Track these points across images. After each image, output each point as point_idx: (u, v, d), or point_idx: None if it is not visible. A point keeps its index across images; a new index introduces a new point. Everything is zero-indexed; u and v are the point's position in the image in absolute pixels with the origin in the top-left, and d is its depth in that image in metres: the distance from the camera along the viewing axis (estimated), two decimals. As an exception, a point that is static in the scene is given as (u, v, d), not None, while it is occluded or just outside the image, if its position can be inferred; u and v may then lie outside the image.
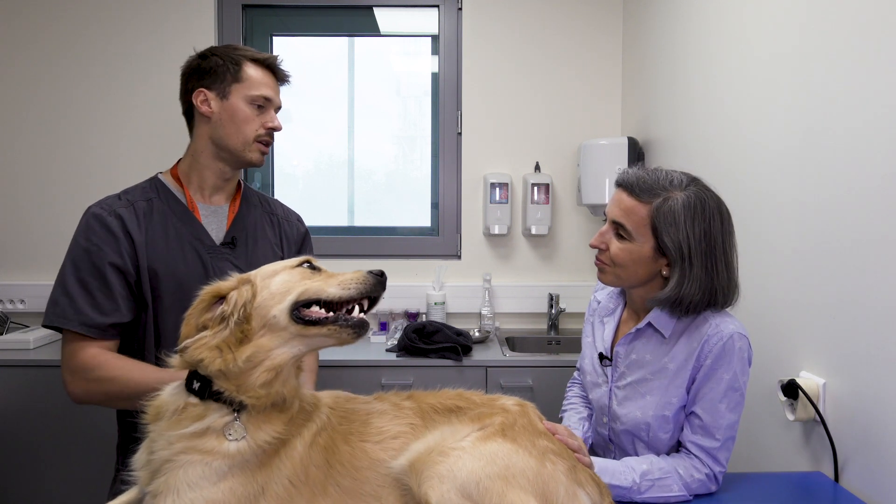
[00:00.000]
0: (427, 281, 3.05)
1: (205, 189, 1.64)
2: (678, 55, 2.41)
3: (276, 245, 1.72)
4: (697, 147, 2.24)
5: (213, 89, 1.58)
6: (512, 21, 3.07)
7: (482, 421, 1.08)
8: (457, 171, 3.12)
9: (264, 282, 1.03)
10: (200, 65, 1.60)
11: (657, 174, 1.34)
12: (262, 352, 0.98)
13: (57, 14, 2.97)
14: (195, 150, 1.63)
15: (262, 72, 1.62)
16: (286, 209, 1.82)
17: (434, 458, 0.99)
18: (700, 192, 1.31)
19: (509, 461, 0.99)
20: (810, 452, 1.56)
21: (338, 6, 3.13)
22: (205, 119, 1.60)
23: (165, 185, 1.62)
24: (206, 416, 0.96)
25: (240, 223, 1.66)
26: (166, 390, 1.04)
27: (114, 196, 1.59)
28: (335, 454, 1.02)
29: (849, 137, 1.42)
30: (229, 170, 1.64)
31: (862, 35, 1.38)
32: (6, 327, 2.73)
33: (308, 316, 1.00)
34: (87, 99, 2.99)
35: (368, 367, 2.48)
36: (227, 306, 1.00)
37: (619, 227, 1.35)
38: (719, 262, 1.31)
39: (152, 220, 1.56)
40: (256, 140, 1.61)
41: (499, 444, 1.02)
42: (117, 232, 1.51)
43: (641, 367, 1.40)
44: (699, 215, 1.29)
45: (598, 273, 1.42)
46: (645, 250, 1.33)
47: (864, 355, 1.38)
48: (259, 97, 1.59)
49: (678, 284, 1.30)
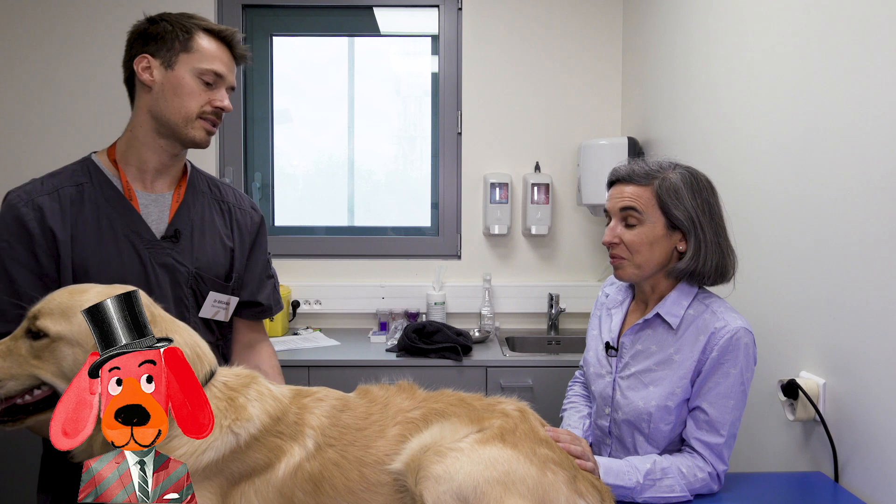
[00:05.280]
0: (427, 281, 3.05)
1: (145, 173, 1.46)
2: (678, 55, 2.41)
3: (227, 236, 1.55)
4: (697, 147, 2.24)
5: (158, 57, 1.41)
6: (512, 21, 3.07)
7: (481, 423, 1.07)
8: (457, 171, 3.12)
9: None
10: (147, 29, 1.43)
11: (646, 161, 1.43)
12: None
13: (58, 14, 2.96)
14: (134, 125, 1.45)
15: (216, 45, 1.45)
16: (239, 194, 1.64)
17: (430, 458, 0.98)
18: (688, 169, 1.41)
19: (509, 467, 0.98)
20: (810, 452, 1.56)
21: (338, 6, 3.13)
22: (146, 89, 1.43)
23: (99, 167, 1.44)
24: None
25: (184, 213, 1.48)
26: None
27: (37, 181, 1.41)
28: (326, 478, 1.02)
29: (849, 137, 1.42)
30: (172, 148, 1.45)
31: (861, 34, 1.38)
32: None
33: None
34: (87, 100, 2.98)
35: (368, 366, 2.48)
36: None
37: (629, 213, 1.39)
38: (721, 229, 1.40)
39: (82, 210, 1.38)
40: (200, 117, 1.43)
41: (499, 450, 1.01)
42: (33, 227, 1.33)
43: (647, 358, 1.41)
44: (696, 188, 1.38)
45: (616, 271, 1.45)
46: (658, 229, 1.38)
47: (864, 355, 1.38)
48: (208, 71, 1.42)
49: (696, 253, 1.36)
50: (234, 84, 1.50)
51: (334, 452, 1.05)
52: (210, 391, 1.03)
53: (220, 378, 1.07)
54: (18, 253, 1.33)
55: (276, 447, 1.03)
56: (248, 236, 1.60)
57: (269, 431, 1.03)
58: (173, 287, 1.44)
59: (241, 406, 1.03)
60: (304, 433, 1.05)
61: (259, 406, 1.05)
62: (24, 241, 1.33)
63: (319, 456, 1.04)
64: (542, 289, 3.05)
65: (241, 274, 1.58)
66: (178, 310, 1.44)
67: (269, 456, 1.02)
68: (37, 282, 1.32)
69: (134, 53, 1.43)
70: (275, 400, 1.07)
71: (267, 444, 1.02)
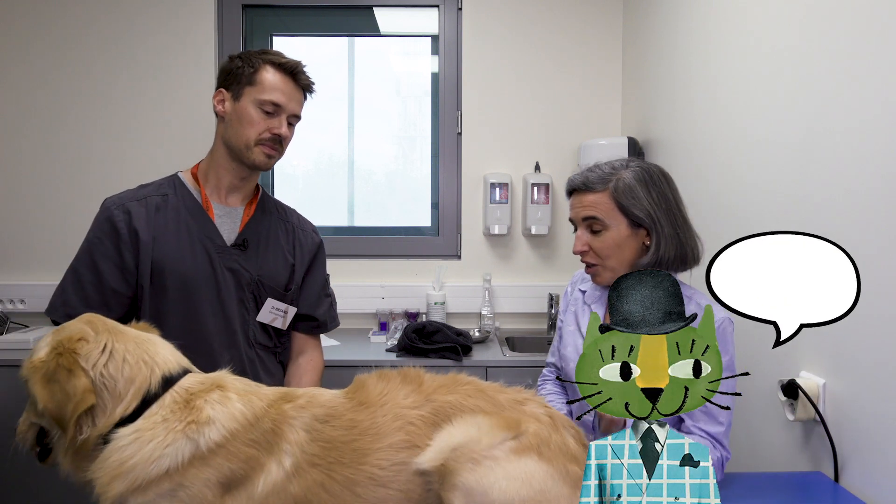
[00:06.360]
0: (427, 281, 3.05)
1: (221, 189, 1.65)
2: (678, 55, 2.41)
3: (289, 252, 1.71)
4: (697, 147, 2.24)
5: (230, 90, 1.60)
6: (512, 21, 3.07)
7: (517, 428, 1.00)
8: (457, 171, 3.12)
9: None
10: (226, 67, 1.63)
11: (599, 167, 1.47)
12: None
13: (58, 15, 2.96)
14: (213, 148, 1.66)
15: (280, 77, 1.61)
16: (301, 218, 1.82)
17: (464, 465, 0.94)
18: (640, 164, 1.45)
19: (544, 485, 0.94)
20: (810, 452, 1.56)
21: (338, 6, 3.13)
22: (220, 119, 1.63)
23: (183, 182, 1.64)
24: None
25: (253, 227, 1.66)
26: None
27: (130, 190, 1.62)
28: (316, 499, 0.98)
29: (849, 137, 1.42)
30: (243, 170, 1.64)
31: (863, 33, 1.38)
32: (6, 327, 2.73)
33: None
34: (88, 100, 2.98)
35: (368, 367, 2.46)
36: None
37: (592, 222, 1.43)
38: (679, 218, 1.44)
39: (165, 216, 1.57)
40: (258, 143, 1.60)
41: (535, 464, 0.96)
42: (121, 228, 1.52)
43: None
44: (650, 183, 1.42)
45: (594, 278, 1.49)
46: (623, 230, 1.42)
47: (864, 355, 1.37)
48: (267, 101, 1.59)
49: (656, 247, 1.41)
50: (297, 112, 1.67)
51: (319, 473, 0.99)
52: (169, 396, 1.04)
53: (184, 384, 1.07)
54: (107, 248, 1.52)
55: (250, 458, 0.99)
56: (308, 255, 1.76)
57: (239, 438, 0.99)
58: (237, 289, 1.60)
59: (197, 408, 1.01)
60: (280, 447, 1.01)
61: (222, 410, 1.01)
62: (113, 239, 1.52)
63: (302, 478, 0.99)
64: (542, 289, 3.05)
65: (298, 287, 1.72)
66: (239, 311, 1.61)
67: (242, 467, 0.98)
68: (119, 274, 1.52)
69: (217, 88, 1.64)
70: (244, 404, 1.04)
71: (238, 452, 0.98)
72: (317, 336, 1.81)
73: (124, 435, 0.99)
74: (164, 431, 0.98)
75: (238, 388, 1.08)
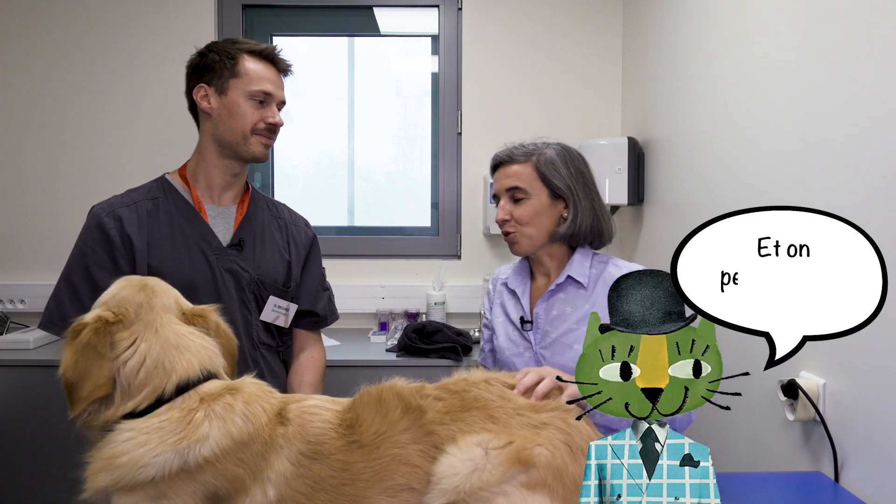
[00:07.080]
0: (427, 281, 3.05)
1: (213, 188, 1.63)
2: (678, 55, 2.41)
3: (284, 249, 1.70)
4: (697, 147, 2.24)
5: (213, 85, 1.56)
6: (512, 21, 3.07)
7: (527, 461, 0.94)
8: (457, 171, 3.12)
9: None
10: (199, 61, 1.59)
11: (523, 144, 1.61)
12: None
13: (58, 15, 2.96)
14: (201, 147, 1.62)
15: (261, 64, 1.59)
16: (293, 213, 1.80)
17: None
18: (560, 144, 1.61)
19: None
20: (810, 452, 1.56)
21: (338, 6, 3.13)
22: (206, 115, 1.59)
23: (172, 184, 1.61)
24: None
25: (247, 225, 1.64)
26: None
27: (118, 196, 1.58)
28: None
29: (850, 137, 1.42)
30: (236, 166, 1.62)
31: (864, 34, 1.38)
32: (6, 327, 2.72)
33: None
34: (88, 100, 2.98)
35: (368, 367, 2.48)
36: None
37: (515, 191, 1.56)
38: (595, 196, 1.59)
39: (157, 221, 1.54)
40: (255, 133, 1.58)
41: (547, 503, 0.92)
42: (113, 235, 1.49)
43: (565, 321, 1.49)
44: (570, 160, 1.58)
45: (512, 246, 1.59)
46: (543, 200, 1.55)
47: (864, 355, 1.37)
48: (258, 92, 1.57)
49: (573, 217, 1.54)
50: (283, 98, 1.65)
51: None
52: (181, 399, 1.02)
53: (200, 388, 1.04)
54: (101, 257, 1.48)
55: (235, 478, 0.96)
56: (303, 250, 1.75)
57: (229, 456, 0.97)
58: (237, 290, 1.59)
59: (195, 424, 0.98)
60: (265, 475, 0.98)
61: (219, 426, 0.98)
62: (106, 247, 1.49)
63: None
64: (542, 289, 3.05)
65: (297, 284, 1.71)
66: (241, 312, 1.60)
67: (227, 486, 0.96)
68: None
69: (192, 85, 1.59)
70: (245, 419, 1.00)
71: (225, 471, 0.96)
72: (318, 331, 1.81)
73: (124, 430, 0.99)
74: (157, 440, 0.97)
75: (251, 393, 1.06)
